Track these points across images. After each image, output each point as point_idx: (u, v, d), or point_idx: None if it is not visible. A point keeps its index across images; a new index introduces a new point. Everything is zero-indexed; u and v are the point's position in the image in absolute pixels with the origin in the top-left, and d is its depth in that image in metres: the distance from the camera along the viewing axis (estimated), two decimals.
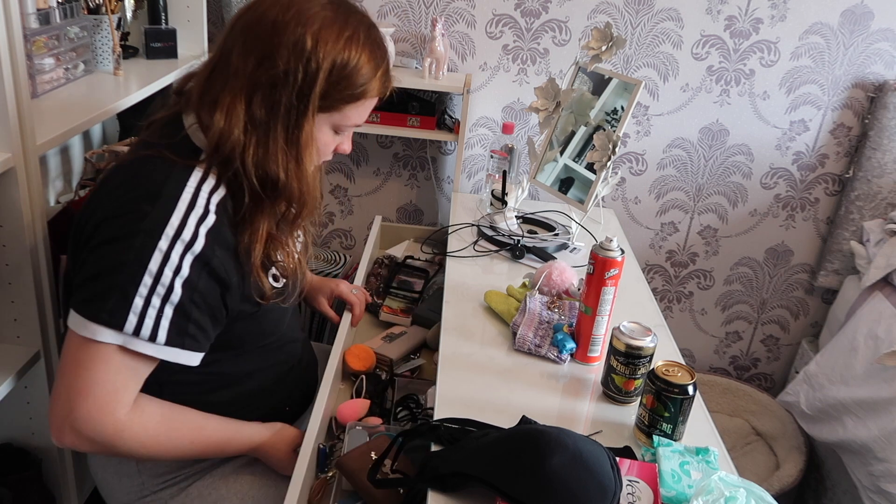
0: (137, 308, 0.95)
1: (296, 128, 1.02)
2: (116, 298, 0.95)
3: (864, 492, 1.79)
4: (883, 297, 1.96)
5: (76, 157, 1.66)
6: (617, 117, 1.72)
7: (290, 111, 1.01)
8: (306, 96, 1.00)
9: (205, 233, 0.98)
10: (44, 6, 1.38)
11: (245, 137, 0.99)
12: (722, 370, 2.53)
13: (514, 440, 0.96)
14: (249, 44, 1.00)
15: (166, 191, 0.98)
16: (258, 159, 1.01)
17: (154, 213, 0.96)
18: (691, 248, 2.36)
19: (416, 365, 1.51)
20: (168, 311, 0.97)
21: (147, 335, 0.96)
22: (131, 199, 0.98)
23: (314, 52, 0.99)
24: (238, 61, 1.00)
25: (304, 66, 0.99)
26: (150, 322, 0.96)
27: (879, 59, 2.09)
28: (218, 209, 1.01)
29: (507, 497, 0.91)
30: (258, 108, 0.99)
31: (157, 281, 0.96)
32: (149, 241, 0.95)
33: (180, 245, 0.96)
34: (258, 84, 0.99)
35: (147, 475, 1.19)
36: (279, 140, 1.01)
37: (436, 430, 1.05)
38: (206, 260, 0.99)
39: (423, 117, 2.07)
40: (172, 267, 0.96)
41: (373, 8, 2.10)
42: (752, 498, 0.91)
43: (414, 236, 2.07)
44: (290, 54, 0.98)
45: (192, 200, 0.99)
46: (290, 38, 0.99)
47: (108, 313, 0.94)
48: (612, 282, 1.22)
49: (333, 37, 1.00)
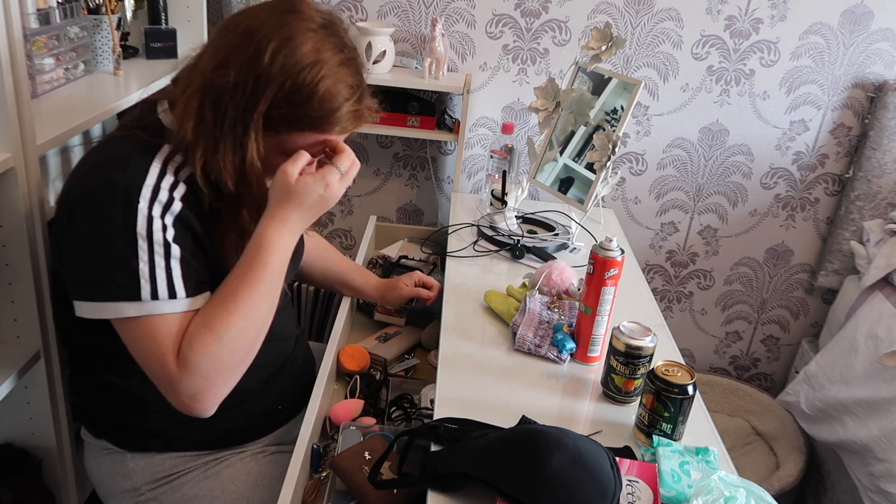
0: (145, 273, 0.96)
1: (240, 146, 0.99)
2: (121, 271, 0.95)
3: (864, 492, 1.79)
4: (883, 297, 1.96)
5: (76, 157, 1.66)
6: (617, 117, 1.72)
7: (235, 124, 0.98)
8: (250, 113, 0.97)
9: (179, 197, 1.00)
10: (44, 6, 1.38)
11: (193, 137, 0.99)
12: (722, 370, 2.53)
13: (514, 440, 0.96)
14: (218, 44, 1.00)
15: (134, 159, 0.99)
16: (206, 163, 1.00)
17: (125, 178, 0.97)
18: (691, 248, 2.36)
19: (411, 365, 1.52)
20: (175, 265, 0.98)
21: (166, 295, 0.97)
22: (100, 172, 0.99)
23: (268, 67, 0.96)
24: (205, 60, 1.00)
25: (253, 81, 0.96)
26: (164, 283, 0.97)
27: (879, 59, 2.09)
28: (188, 181, 1.02)
29: (507, 497, 0.91)
30: (207, 111, 0.98)
31: (150, 242, 0.96)
32: (129, 206, 0.96)
33: (158, 206, 0.98)
34: (210, 88, 0.98)
35: (140, 474, 1.19)
36: (227, 154, 0.99)
37: (435, 430, 1.05)
38: (187, 222, 1.00)
39: (423, 117, 2.07)
40: (159, 226, 0.97)
41: (373, 8, 2.10)
42: (751, 498, 0.91)
43: (409, 236, 2.07)
44: (244, 65, 0.96)
45: (163, 169, 1.00)
46: (250, 51, 0.96)
47: (120, 288, 0.95)
48: (612, 282, 1.22)
49: (296, 56, 0.96)
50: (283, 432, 1.31)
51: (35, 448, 1.34)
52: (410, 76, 2.03)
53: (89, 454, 1.25)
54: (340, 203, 2.37)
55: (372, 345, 1.53)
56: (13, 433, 1.33)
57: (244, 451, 1.25)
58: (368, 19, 2.11)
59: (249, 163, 0.99)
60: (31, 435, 1.33)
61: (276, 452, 1.27)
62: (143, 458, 1.19)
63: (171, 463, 1.19)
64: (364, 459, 1.12)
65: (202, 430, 1.16)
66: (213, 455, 1.22)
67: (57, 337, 1.27)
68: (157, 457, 1.19)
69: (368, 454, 1.13)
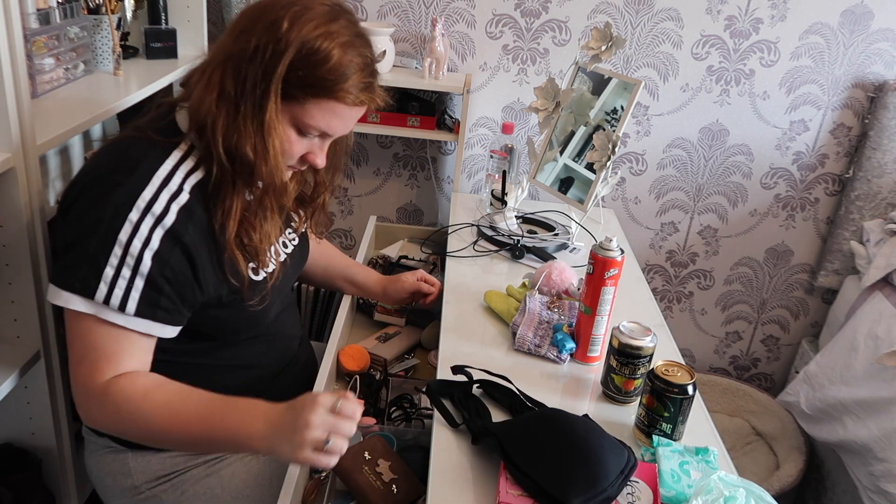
0: (108, 277, 0.98)
1: (260, 109, 1.01)
2: (87, 267, 0.98)
3: (864, 492, 1.79)
4: (883, 297, 1.96)
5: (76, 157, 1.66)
6: (617, 117, 1.72)
7: (255, 88, 1.00)
8: (269, 75, 0.99)
9: (177, 209, 1.01)
10: (44, 6, 1.38)
11: (216, 108, 1.01)
12: (722, 370, 2.53)
13: (540, 415, 1.06)
14: (238, 22, 1.03)
15: (142, 166, 1.01)
16: (227, 131, 1.01)
17: (127, 185, 0.99)
18: (691, 248, 2.36)
19: (411, 365, 1.52)
20: (138, 282, 0.99)
21: (116, 305, 0.98)
22: (108, 171, 1.02)
23: (287, 32, 0.98)
24: (224, 37, 1.03)
25: (273, 44, 0.98)
26: (120, 292, 0.99)
27: (879, 59, 2.09)
28: (193, 189, 1.04)
29: (512, 462, 0.95)
30: (228, 80, 1.00)
31: (126, 252, 0.98)
32: (120, 212, 0.98)
33: (150, 218, 0.99)
34: (231, 56, 1.01)
35: (141, 473, 1.19)
36: (247, 117, 1.01)
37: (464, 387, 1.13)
38: (177, 236, 1.01)
39: (423, 117, 2.07)
40: (142, 239, 0.99)
41: (373, 8, 2.10)
42: (751, 498, 0.91)
43: (408, 236, 2.07)
44: (264, 31, 0.99)
45: (168, 177, 1.02)
46: (270, 18, 1.00)
47: (80, 281, 0.97)
48: (612, 282, 1.22)
49: (312, 24, 1.00)
50: None
51: (35, 448, 1.34)
52: (410, 76, 2.03)
53: (90, 452, 1.25)
54: (340, 203, 2.37)
55: (372, 345, 1.53)
56: (13, 433, 1.33)
57: None
58: (368, 19, 2.11)
59: (268, 125, 1.01)
60: (31, 435, 1.33)
61: None
62: (144, 456, 1.19)
63: (172, 461, 1.20)
64: (364, 459, 1.12)
65: None
66: (214, 454, 1.22)
67: (56, 337, 1.27)
68: (158, 455, 1.19)
69: (368, 454, 1.13)
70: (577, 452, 0.94)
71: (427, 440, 1.10)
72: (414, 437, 1.25)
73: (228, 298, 1.10)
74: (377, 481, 1.10)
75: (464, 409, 1.10)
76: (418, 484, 1.12)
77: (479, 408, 1.11)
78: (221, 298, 1.09)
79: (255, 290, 1.13)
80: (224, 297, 1.10)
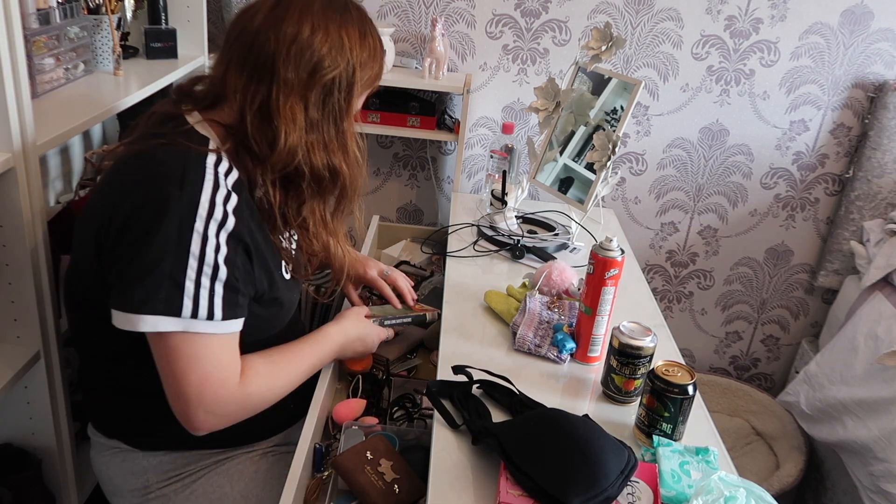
0: (190, 292, 0.98)
1: (341, 121, 1.11)
2: (168, 287, 0.97)
3: (864, 492, 1.79)
4: (883, 297, 1.96)
5: (76, 157, 1.66)
6: (617, 117, 1.72)
7: (338, 109, 1.09)
8: (350, 93, 1.10)
9: (232, 210, 1.03)
10: (44, 6, 1.38)
11: (308, 139, 1.07)
12: (722, 370, 2.53)
13: (539, 415, 1.05)
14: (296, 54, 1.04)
15: (189, 174, 1.01)
16: (323, 158, 1.09)
17: (183, 197, 0.99)
18: (691, 248, 2.36)
19: (413, 365, 1.52)
20: (219, 288, 1.01)
21: (205, 315, 1.00)
22: (156, 186, 1.00)
23: (351, 53, 1.08)
24: (287, 72, 1.04)
25: (345, 68, 1.07)
26: (205, 303, 1.00)
27: (879, 59, 2.09)
28: (236, 188, 1.05)
29: (512, 462, 0.95)
30: (314, 111, 1.07)
31: (202, 262, 0.99)
32: (185, 226, 0.98)
33: (214, 224, 1.00)
34: (311, 90, 1.06)
35: (152, 472, 1.20)
36: (332, 136, 1.10)
37: (463, 388, 1.14)
38: (239, 236, 1.03)
39: (423, 117, 2.07)
40: (213, 246, 1.00)
41: (373, 8, 2.10)
42: (751, 498, 0.91)
43: (411, 236, 2.07)
44: (332, 60, 1.06)
45: (216, 182, 1.02)
46: (329, 46, 1.06)
47: (164, 302, 0.97)
48: (612, 282, 1.22)
49: (356, 34, 1.09)
50: (292, 431, 1.32)
51: (35, 448, 1.34)
52: (410, 76, 2.03)
53: (96, 452, 1.25)
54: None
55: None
56: (13, 433, 1.33)
57: (254, 449, 1.26)
58: None
59: (349, 134, 1.13)
60: (31, 435, 1.33)
61: (285, 452, 1.28)
62: (156, 456, 1.20)
63: (182, 461, 1.20)
64: (366, 459, 1.12)
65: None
66: (224, 453, 1.23)
67: (56, 337, 1.27)
68: (169, 454, 1.20)
69: (370, 454, 1.13)
70: (578, 452, 0.94)
71: (429, 440, 1.10)
72: (416, 436, 1.25)
73: (269, 296, 1.14)
74: (379, 481, 1.10)
75: (464, 409, 1.10)
76: (420, 484, 1.12)
77: (479, 408, 1.11)
78: (264, 295, 1.12)
79: (292, 290, 1.21)
80: (266, 295, 1.13)
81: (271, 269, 1.13)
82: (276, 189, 1.09)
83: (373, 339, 1.35)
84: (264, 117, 1.05)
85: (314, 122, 1.07)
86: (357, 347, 1.33)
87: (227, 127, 1.08)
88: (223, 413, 1.06)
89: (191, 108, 1.10)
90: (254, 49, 1.04)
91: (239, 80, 1.05)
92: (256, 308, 1.12)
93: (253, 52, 1.04)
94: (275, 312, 1.18)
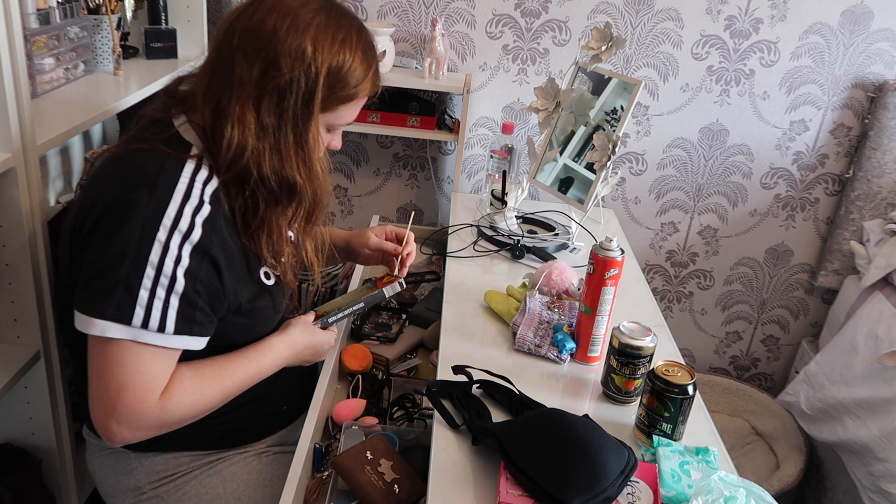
0: (143, 300, 0.96)
1: (303, 131, 1.05)
2: (121, 293, 0.96)
3: (864, 492, 1.79)
4: (883, 297, 1.96)
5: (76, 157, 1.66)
6: (617, 117, 1.72)
7: (296, 116, 1.04)
8: (310, 100, 1.04)
9: (201, 222, 1.00)
10: (44, 6, 1.38)
11: (259, 145, 1.03)
12: (722, 370, 2.53)
13: (539, 415, 1.04)
14: (252, 53, 1.01)
15: (161, 181, 1.00)
16: (274, 165, 1.04)
17: (150, 204, 0.98)
18: (691, 248, 2.36)
19: (413, 365, 1.52)
20: (174, 301, 0.99)
21: (155, 327, 0.98)
22: (127, 189, 0.99)
23: (314, 57, 1.02)
24: (242, 70, 1.01)
25: (305, 71, 1.02)
26: (158, 314, 0.97)
27: (879, 59, 2.09)
28: (212, 199, 1.03)
29: (512, 462, 0.95)
30: (267, 115, 1.03)
31: (159, 272, 0.97)
32: (147, 233, 0.96)
33: (178, 235, 0.98)
34: (265, 92, 1.02)
35: (143, 473, 1.19)
36: (290, 144, 1.05)
37: (464, 387, 1.13)
38: (205, 249, 1.01)
39: (423, 117, 2.07)
40: (173, 257, 0.98)
41: (373, 8, 2.10)
42: (751, 498, 0.91)
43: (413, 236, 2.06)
44: (292, 62, 1.01)
45: (188, 191, 1.01)
46: (291, 46, 1.01)
47: (115, 308, 0.95)
48: (612, 282, 1.22)
49: (329, 41, 1.03)
50: (286, 433, 1.31)
51: (35, 448, 1.34)
52: (410, 76, 2.03)
53: (91, 453, 1.25)
54: (340, 203, 2.37)
55: (374, 344, 1.53)
56: (13, 433, 1.33)
57: (247, 450, 1.25)
58: (368, 19, 2.11)
59: (311, 145, 1.07)
60: (31, 435, 1.33)
61: (279, 452, 1.28)
62: (147, 457, 1.19)
63: (174, 462, 1.20)
64: (366, 459, 1.12)
65: (207, 431, 1.16)
66: (216, 454, 1.22)
67: (56, 337, 1.27)
68: (160, 456, 1.19)
69: (370, 454, 1.13)
70: (578, 452, 0.94)
71: (429, 440, 1.10)
72: (416, 436, 1.25)
73: (247, 306, 1.11)
74: (379, 481, 1.10)
75: (464, 409, 1.10)
76: (420, 484, 1.12)
77: (479, 408, 1.11)
78: (241, 306, 1.10)
79: (274, 295, 1.16)
80: (244, 305, 1.10)
81: (250, 278, 1.10)
82: (233, 191, 1.06)
83: (322, 347, 1.27)
84: (216, 115, 1.02)
85: (267, 126, 1.03)
86: (305, 356, 1.25)
87: (203, 128, 1.06)
88: (137, 427, 1.01)
89: (179, 111, 1.09)
90: (221, 46, 1.04)
91: (205, 77, 1.05)
92: (238, 319, 1.11)
93: (219, 49, 1.04)
94: (260, 318, 1.17)
